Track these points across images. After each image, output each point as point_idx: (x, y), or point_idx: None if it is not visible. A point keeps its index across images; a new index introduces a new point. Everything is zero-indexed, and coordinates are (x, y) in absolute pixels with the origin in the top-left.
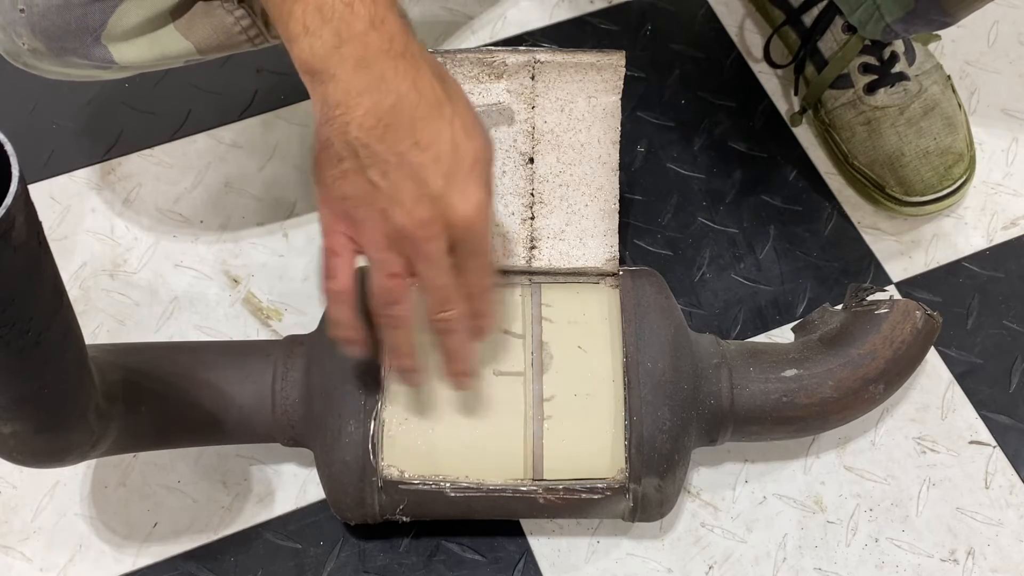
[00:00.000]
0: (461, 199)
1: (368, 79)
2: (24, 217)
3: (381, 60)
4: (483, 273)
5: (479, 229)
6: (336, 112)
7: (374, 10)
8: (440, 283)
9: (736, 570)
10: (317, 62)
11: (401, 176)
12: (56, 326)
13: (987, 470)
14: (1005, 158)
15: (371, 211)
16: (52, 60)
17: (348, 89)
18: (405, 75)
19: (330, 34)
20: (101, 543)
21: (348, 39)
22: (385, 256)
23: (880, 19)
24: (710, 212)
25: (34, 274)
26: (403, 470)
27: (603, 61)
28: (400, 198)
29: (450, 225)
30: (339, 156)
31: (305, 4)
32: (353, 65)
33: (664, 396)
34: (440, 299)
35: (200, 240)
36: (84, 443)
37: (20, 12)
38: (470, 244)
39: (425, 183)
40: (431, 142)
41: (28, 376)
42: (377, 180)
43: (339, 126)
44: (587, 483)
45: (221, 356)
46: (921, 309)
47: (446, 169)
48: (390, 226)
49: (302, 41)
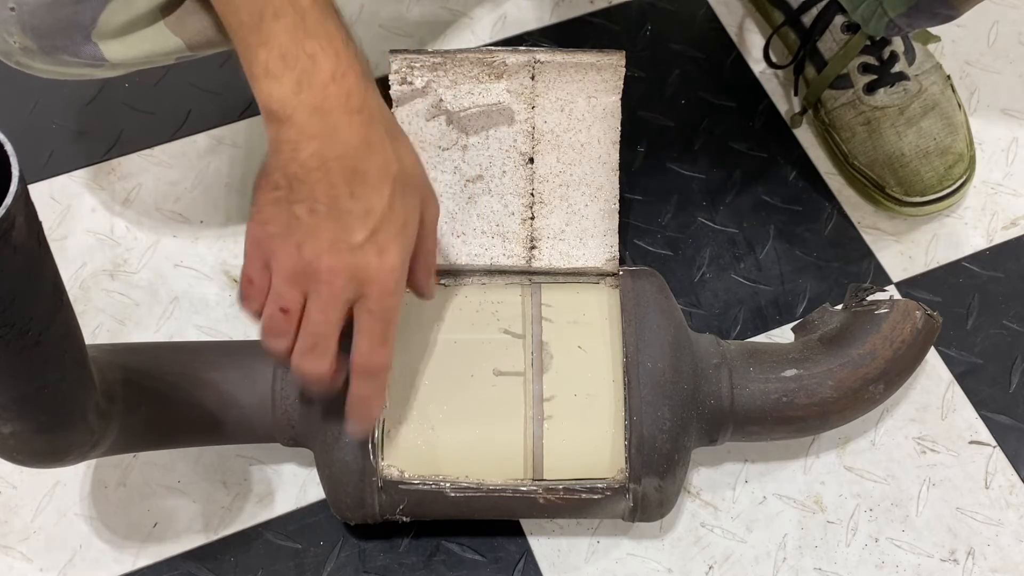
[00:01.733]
0: (377, 258)
1: (322, 126)
2: (24, 217)
3: (336, 112)
4: (372, 341)
5: (384, 289)
6: (285, 147)
7: (335, 64)
8: (317, 329)
9: (736, 570)
10: (275, 104)
11: (326, 218)
12: (56, 326)
13: (987, 470)
14: (1005, 158)
15: (286, 242)
16: (43, 58)
17: (301, 131)
18: (358, 130)
19: (291, 81)
20: (101, 543)
21: (308, 88)
22: (285, 289)
23: (883, 15)
24: (710, 212)
25: (34, 274)
26: (403, 470)
27: (603, 61)
28: (318, 237)
29: (359, 280)
30: (275, 185)
31: (269, 50)
32: (309, 112)
33: (664, 396)
34: (306, 346)
35: (200, 240)
36: (84, 443)
37: (11, 11)
38: (371, 303)
39: (348, 231)
40: (366, 196)
41: (28, 376)
42: (302, 215)
43: (284, 160)
44: (587, 483)
45: (221, 356)
46: (921, 309)
47: (373, 225)
48: (300, 260)
49: (263, 82)
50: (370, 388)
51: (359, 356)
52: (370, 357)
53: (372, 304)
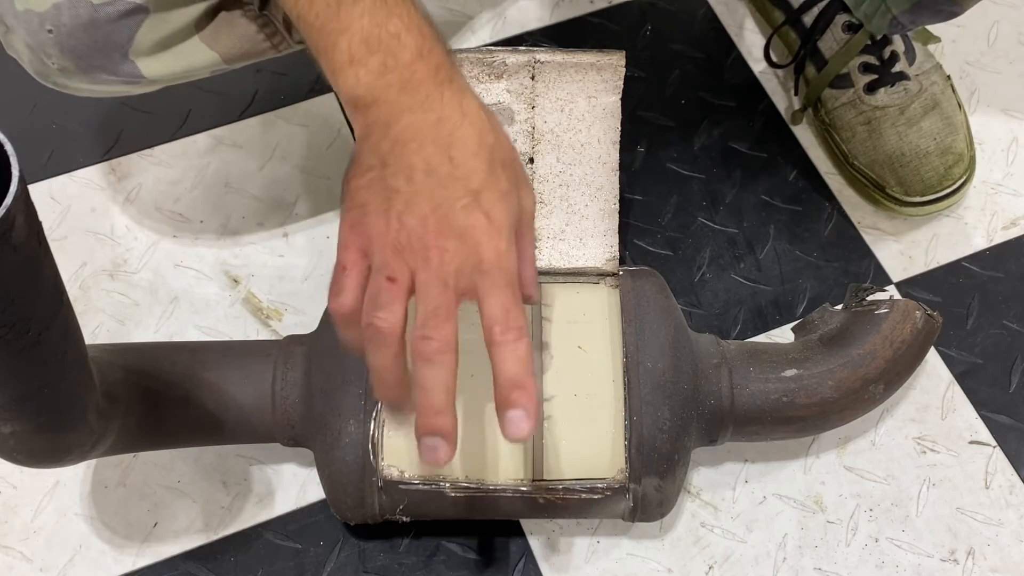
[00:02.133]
0: (485, 218)
1: (412, 100)
2: (24, 217)
3: (427, 85)
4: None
5: (496, 248)
6: (375, 129)
7: (421, 41)
8: (436, 297)
9: (736, 570)
10: (363, 90)
11: (426, 184)
12: (56, 326)
13: (987, 470)
14: (1005, 158)
15: (387, 215)
16: (82, 78)
17: (391, 109)
18: (451, 100)
19: (377, 63)
20: (101, 543)
21: (394, 67)
22: (389, 258)
23: (887, 12)
24: (710, 212)
25: (34, 274)
26: (403, 470)
27: (603, 61)
28: (418, 202)
29: (469, 244)
30: (368, 166)
31: (351, 36)
32: (398, 89)
33: (664, 396)
34: (428, 313)
35: (200, 240)
36: (84, 443)
37: (48, 33)
38: (483, 264)
39: (449, 193)
40: (466, 161)
41: (28, 376)
42: (400, 185)
43: (375, 139)
44: (587, 483)
45: (221, 356)
46: (921, 309)
47: (475, 187)
48: (402, 230)
49: (347, 71)
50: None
51: (494, 322)
52: (506, 319)
53: (489, 266)
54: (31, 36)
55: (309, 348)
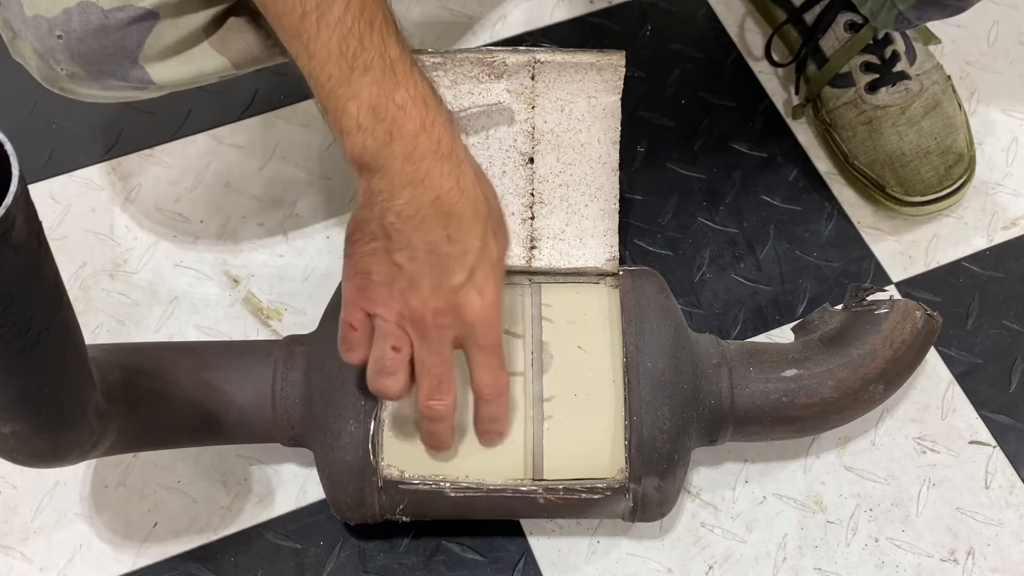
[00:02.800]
0: (476, 295)
1: (414, 174)
2: (24, 217)
3: (428, 159)
4: (493, 371)
5: (490, 324)
6: (379, 198)
7: (425, 113)
8: (435, 370)
9: (736, 570)
10: (368, 156)
11: (427, 264)
12: (56, 326)
13: (987, 470)
14: (1005, 158)
15: (391, 289)
16: (91, 84)
17: (393, 181)
18: (449, 175)
19: (383, 132)
20: (101, 543)
21: (399, 138)
22: (392, 329)
23: (892, 7)
24: (710, 212)
25: (34, 274)
26: (403, 470)
27: (603, 61)
28: (420, 283)
29: (462, 319)
30: (373, 236)
31: (360, 102)
32: (402, 161)
33: (664, 396)
34: (431, 386)
35: (200, 240)
36: (84, 443)
37: (58, 39)
38: (480, 338)
39: (448, 274)
40: (461, 238)
41: (28, 376)
42: (403, 263)
43: (379, 211)
44: (587, 483)
45: (221, 356)
46: (921, 309)
47: (470, 265)
48: (405, 306)
49: (355, 136)
50: (499, 408)
51: (484, 387)
52: (494, 385)
53: (481, 339)
54: (40, 42)
55: (309, 348)
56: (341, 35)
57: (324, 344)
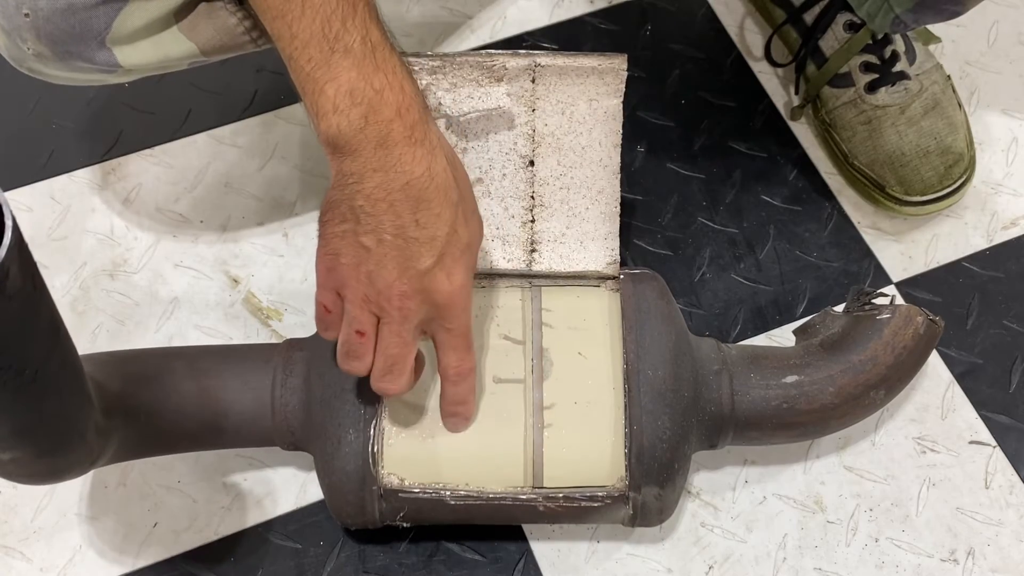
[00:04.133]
0: (445, 279)
1: (385, 159)
2: (19, 266)
3: (401, 145)
4: (459, 353)
5: (458, 308)
6: (350, 180)
7: (401, 99)
8: (391, 350)
9: (736, 570)
10: (342, 139)
11: (394, 247)
12: (53, 361)
13: (987, 470)
14: (1005, 158)
15: (357, 270)
16: (57, 64)
17: (365, 164)
18: (420, 160)
19: (358, 116)
20: (101, 543)
21: (374, 123)
22: (358, 313)
23: (889, 10)
24: (710, 212)
25: (30, 318)
26: (403, 478)
27: (604, 65)
28: (387, 266)
29: (429, 302)
30: (342, 217)
31: (338, 85)
32: (375, 145)
33: (665, 405)
34: (384, 367)
35: (200, 240)
36: (83, 461)
37: (25, 17)
38: (447, 321)
39: (415, 258)
40: (430, 223)
41: (26, 409)
42: (371, 245)
43: (349, 192)
44: (587, 491)
45: (220, 362)
46: (923, 314)
47: (439, 250)
48: (371, 289)
49: (330, 118)
50: (464, 390)
51: (450, 368)
52: (459, 366)
53: (449, 323)
54: (7, 20)
55: (309, 354)
56: (325, 16)
57: (324, 350)
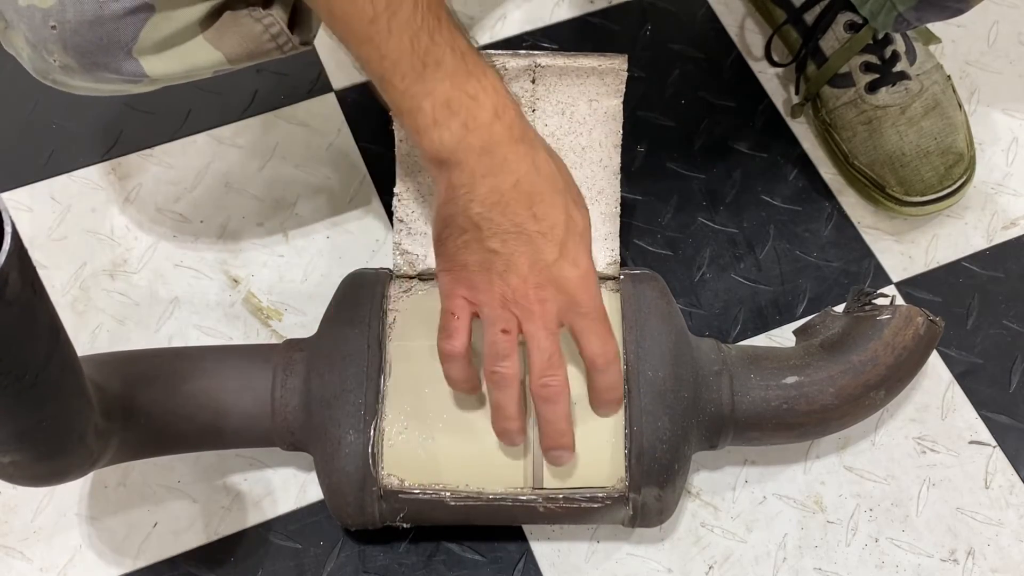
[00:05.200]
0: (571, 266)
1: (491, 163)
2: (18, 272)
3: (503, 146)
4: (602, 338)
5: (590, 293)
6: (461, 192)
7: (496, 100)
8: (545, 345)
9: (736, 570)
10: (446, 151)
11: (519, 243)
12: (53, 365)
13: (987, 470)
14: (1005, 158)
15: (490, 274)
16: (83, 76)
17: (473, 172)
18: (525, 157)
19: (458, 125)
20: (101, 543)
21: (474, 129)
22: (499, 313)
23: (892, 9)
24: (710, 212)
25: (29, 324)
26: (403, 479)
27: (605, 65)
28: (517, 262)
29: (561, 290)
30: (462, 229)
31: (434, 99)
32: (479, 152)
33: (664, 406)
34: (544, 362)
35: (200, 240)
36: (83, 463)
37: (52, 29)
38: (582, 307)
39: (540, 251)
40: (546, 214)
41: (26, 413)
42: (497, 247)
43: (463, 204)
44: (587, 492)
45: (219, 363)
46: (923, 315)
47: (560, 239)
48: (506, 287)
49: (432, 132)
50: (613, 376)
51: (597, 356)
52: (605, 352)
53: (584, 308)
54: (33, 32)
55: (309, 354)
56: (412, 33)
57: (324, 351)
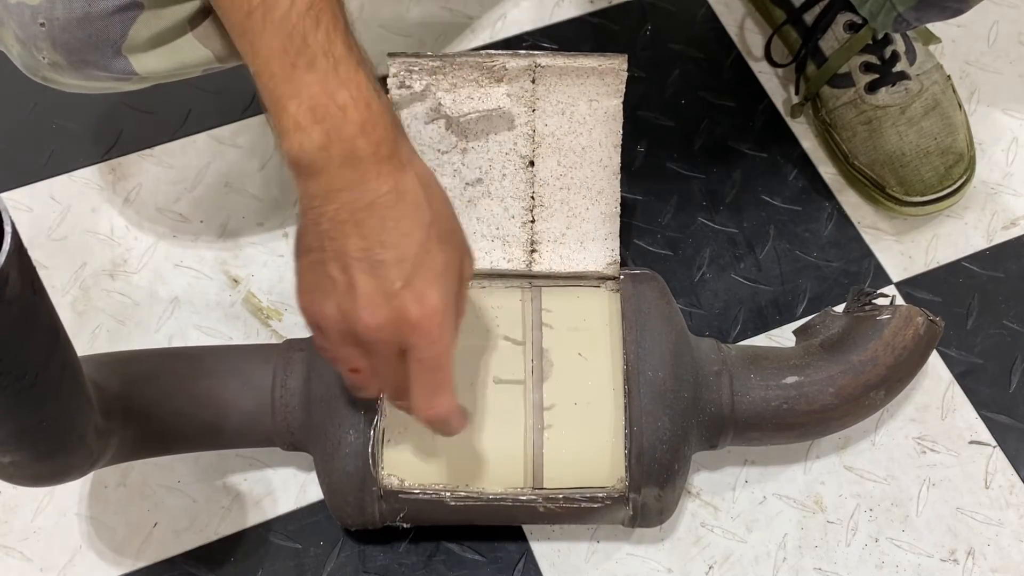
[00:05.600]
0: (417, 304)
1: (350, 177)
2: (18, 271)
3: (366, 162)
4: (427, 391)
5: (430, 336)
6: (314, 203)
7: (367, 116)
8: (390, 380)
9: (736, 570)
10: (304, 157)
11: (360, 271)
12: (53, 365)
13: (987, 470)
14: (1005, 158)
15: (328, 306)
16: (72, 73)
17: (330, 184)
18: (388, 178)
19: (320, 134)
20: (101, 543)
21: (337, 140)
22: (343, 352)
23: (891, 9)
24: (710, 212)
25: (29, 323)
26: (403, 479)
27: (605, 65)
28: (355, 294)
29: (402, 330)
30: (309, 247)
31: (299, 102)
32: (339, 164)
33: (664, 406)
34: (394, 392)
35: (200, 240)
36: (84, 463)
37: (40, 26)
38: (419, 351)
39: (383, 280)
40: (398, 243)
41: (26, 413)
42: (336, 275)
43: (314, 216)
44: (587, 492)
45: (219, 363)
46: (923, 315)
47: (408, 271)
48: (343, 322)
49: (293, 136)
50: (446, 430)
51: (420, 411)
52: (430, 408)
53: (420, 352)
54: (22, 30)
55: (309, 354)
56: (286, 32)
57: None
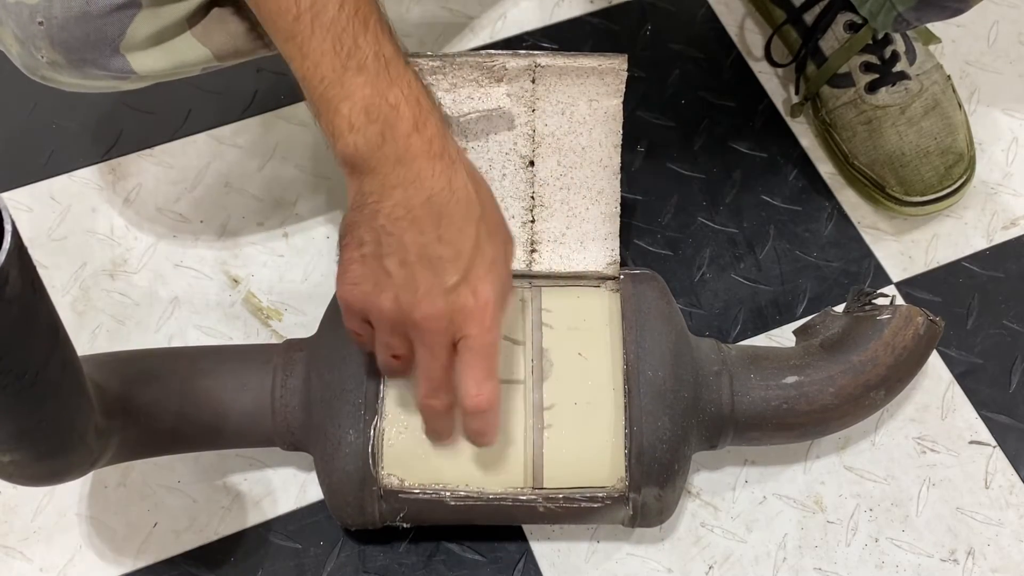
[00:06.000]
0: (472, 297)
1: (405, 175)
2: (18, 270)
3: (420, 159)
4: (478, 377)
5: (481, 326)
6: (369, 200)
7: (418, 113)
8: (433, 374)
9: (736, 570)
10: (359, 158)
11: (419, 267)
12: (53, 364)
13: (987, 470)
14: (1005, 158)
15: (382, 297)
16: (71, 72)
17: (384, 182)
18: (441, 174)
19: (375, 133)
20: (101, 543)
21: (391, 139)
22: (389, 339)
23: (891, 8)
24: (710, 212)
25: (29, 322)
26: (403, 479)
27: (605, 65)
28: (413, 287)
29: (457, 322)
30: (361, 241)
31: (352, 103)
32: (393, 162)
33: (664, 405)
34: (430, 387)
35: (200, 240)
36: (84, 463)
37: (39, 25)
38: (471, 340)
39: (440, 276)
40: (454, 239)
41: (26, 412)
42: (393, 268)
43: (369, 213)
44: (587, 492)
45: (219, 363)
46: (923, 315)
47: (464, 266)
48: (398, 313)
49: (347, 137)
50: (483, 423)
51: (467, 396)
52: (478, 395)
53: (473, 342)
54: (21, 29)
55: (308, 355)
56: (335, 35)
57: (323, 351)
